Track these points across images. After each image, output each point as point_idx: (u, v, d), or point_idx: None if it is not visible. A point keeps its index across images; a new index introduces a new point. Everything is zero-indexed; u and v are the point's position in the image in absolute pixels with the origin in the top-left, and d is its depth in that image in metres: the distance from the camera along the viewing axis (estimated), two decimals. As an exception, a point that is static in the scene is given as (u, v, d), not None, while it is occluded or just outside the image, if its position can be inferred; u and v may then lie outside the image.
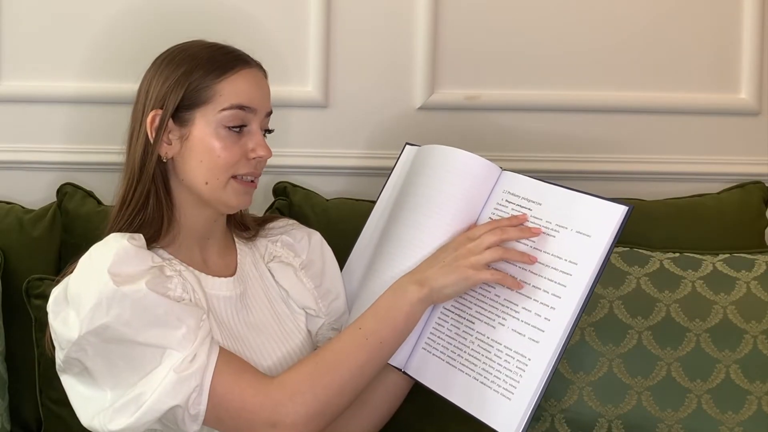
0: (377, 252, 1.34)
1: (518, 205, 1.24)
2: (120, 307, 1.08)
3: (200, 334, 1.12)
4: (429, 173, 1.31)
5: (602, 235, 1.15)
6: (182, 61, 1.21)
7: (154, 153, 1.20)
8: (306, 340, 1.30)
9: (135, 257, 1.13)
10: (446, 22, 1.75)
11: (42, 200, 1.65)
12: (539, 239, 1.19)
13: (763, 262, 1.48)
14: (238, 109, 1.20)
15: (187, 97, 1.20)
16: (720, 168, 1.82)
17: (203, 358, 1.10)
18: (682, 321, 1.42)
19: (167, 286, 1.14)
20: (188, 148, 1.20)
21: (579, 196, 1.19)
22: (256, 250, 1.35)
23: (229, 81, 1.20)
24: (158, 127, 1.20)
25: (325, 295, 1.34)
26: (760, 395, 1.39)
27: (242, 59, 1.24)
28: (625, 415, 1.40)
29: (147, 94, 1.22)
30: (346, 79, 1.75)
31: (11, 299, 1.48)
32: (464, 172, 1.28)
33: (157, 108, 1.20)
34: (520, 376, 1.13)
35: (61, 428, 1.44)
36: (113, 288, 1.08)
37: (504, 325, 1.18)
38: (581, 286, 1.13)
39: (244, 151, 1.22)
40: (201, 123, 1.20)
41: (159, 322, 1.10)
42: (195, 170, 1.21)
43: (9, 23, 1.69)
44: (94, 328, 1.08)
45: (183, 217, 1.24)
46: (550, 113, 1.79)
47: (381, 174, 1.76)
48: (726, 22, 1.80)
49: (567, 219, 1.18)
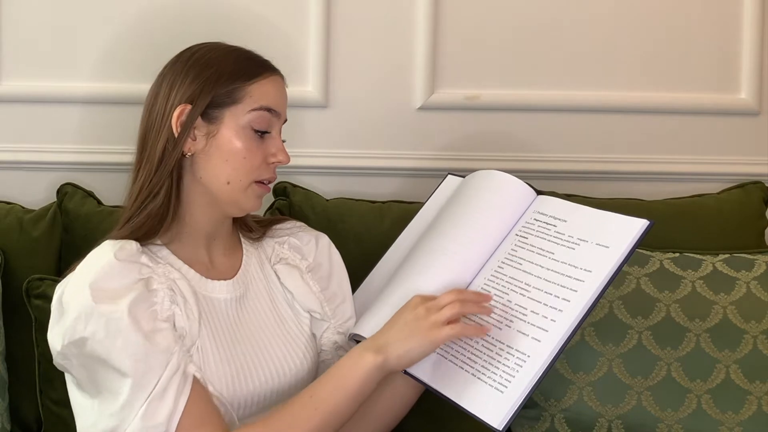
0: (403, 266, 1.35)
1: (545, 222, 1.28)
2: (96, 324, 1.10)
3: (161, 382, 1.10)
4: (471, 195, 1.36)
5: (619, 246, 1.18)
6: (212, 61, 1.23)
7: (177, 147, 1.20)
8: (309, 343, 1.30)
9: (119, 273, 1.13)
10: (446, 22, 1.75)
11: (42, 200, 1.65)
12: (558, 250, 1.23)
13: (763, 262, 1.48)
14: (267, 111, 1.22)
15: (219, 96, 1.21)
16: (720, 168, 1.82)
17: (169, 407, 1.10)
18: (682, 321, 1.42)
19: (153, 300, 1.14)
20: (214, 145, 1.21)
21: (605, 214, 1.24)
22: (263, 251, 1.35)
23: (260, 84, 1.23)
24: (185, 121, 1.20)
25: (331, 299, 1.34)
26: (760, 395, 1.40)
27: (270, 65, 1.27)
28: (625, 415, 1.40)
29: (171, 89, 1.22)
30: (346, 79, 1.75)
31: (11, 299, 1.48)
32: (501, 197, 1.33)
33: (186, 102, 1.21)
34: (516, 371, 1.14)
35: (61, 428, 1.44)
36: (92, 304, 1.10)
37: (510, 327, 1.19)
38: (591, 291, 1.16)
39: (265, 155, 1.23)
40: (230, 122, 1.21)
41: (129, 350, 1.10)
42: (217, 168, 1.21)
43: (9, 23, 1.69)
44: (75, 340, 1.11)
45: (190, 216, 1.24)
46: (550, 113, 1.79)
47: (381, 174, 1.77)
48: (726, 22, 1.80)
49: (589, 234, 1.22)
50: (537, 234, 1.27)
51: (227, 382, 1.18)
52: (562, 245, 1.23)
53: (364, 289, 1.41)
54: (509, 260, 1.27)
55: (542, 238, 1.26)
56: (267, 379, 1.22)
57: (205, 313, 1.20)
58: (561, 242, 1.24)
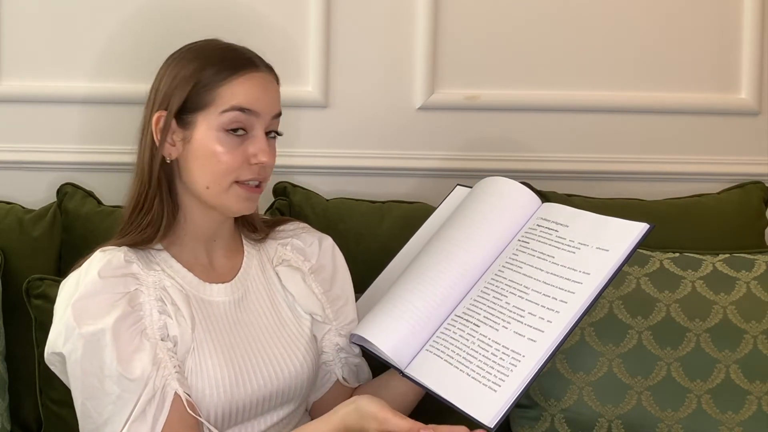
0: (408, 269, 1.35)
1: (546, 228, 1.28)
2: (75, 344, 1.12)
3: (139, 405, 1.11)
4: (478, 202, 1.36)
5: (619, 249, 1.19)
6: (189, 62, 1.21)
7: (158, 154, 1.20)
8: (309, 345, 1.29)
9: (102, 291, 1.14)
10: (446, 22, 1.75)
11: (42, 200, 1.65)
12: (559, 254, 1.23)
13: (763, 262, 1.48)
14: (239, 111, 1.19)
15: (190, 100, 1.19)
16: (720, 168, 1.82)
17: (149, 427, 1.10)
18: (682, 321, 1.42)
19: (139, 314, 1.15)
20: (190, 150, 1.20)
21: (607, 219, 1.24)
22: (265, 252, 1.34)
23: (233, 84, 1.19)
24: (162, 128, 1.20)
25: (333, 301, 1.33)
26: (760, 395, 1.39)
27: (249, 62, 1.22)
28: (625, 415, 1.40)
29: (156, 93, 1.22)
30: (346, 79, 1.75)
31: (11, 299, 1.48)
32: (507, 205, 1.34)
33: (162, 109, 1.20)
34: (510, 371, 1.14)
35: (61, 428, 1.44)
36: (72, 324, 1.12)
37: (507, 328, 1.19)
38: (588, 293, 1.17)
39: (245, 156, 1.20)
40: (203, 126, 1.19)
41: (105, 372, 1.11)
42: (197, 174, 1.20)
43: (9, 23, 1.69)
44: (56, 352, 1.15)
45: (187, 219, 1.24)
46: (550, 113, 1.79)
47: (381, 174, 1.77)
48: (726, 22, 1.80)
49: (590, 238, 1.23)
50: (539, 239, 1.28)
51: (226, 384, 1.17)
52: (563, 249, 1.24)
53: (368, 297, 1.41)
54: (510, 264, 1.27)
55: (543, 243, 1.27)
56: (266, 382, 1.22)
57: (200, 317, 1.20)
58: (562, 246, 1.24)
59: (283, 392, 1.24)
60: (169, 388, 1.12)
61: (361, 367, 1.35)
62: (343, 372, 1.33)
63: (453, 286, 1.28)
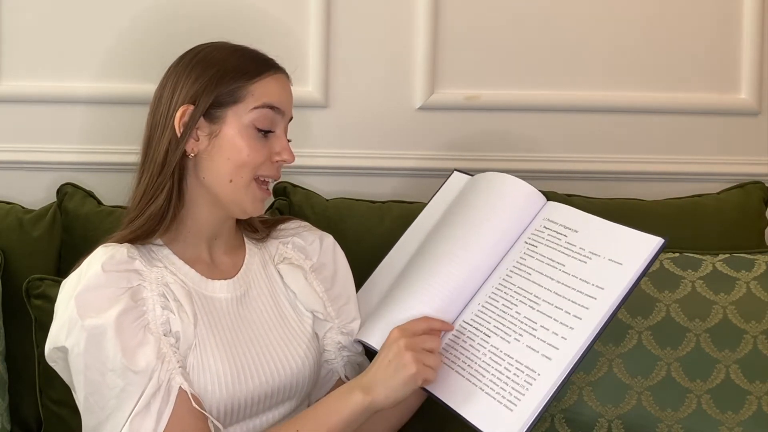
0: (410, 269, 1.34)
1: (555, 231, 1.26)
2: (77, 337, 1.11)
3: (143, 399, 1.10)
4: (479, 198, 1.34)
5: (633, 264, 1.16)
6: (215, 60, 1.23)
7: (179, 148, 1.21)
8: (311, 343, 1.30)
9: (105, 285, 1.14)
10: (446, 22, 1.75)
11: (42, 200, 1.65)
12: (569, 263, 1.21)
13: (763, 262, 1.48)
14: (269, 109, 1.22)
15: (222, 95, 1.21)
16: (720, 168, 1.82)
17: (153, 422, 1.10)
18: (682, 321, 1.42)
19: (142, 309, 1.15)
20: (217, 145, 1.21)
21: (618, 228, 1.22)
22: (266, 251, 1.35)
23: (262, 82, 1.23)
24: (188, 122, 1.20)
25: (335, 299, 1.34)
26: (760, 395, 1.39)
27: (273, 63, 1.26)
28: (625, 415, 1.40)
29: (174, 90, 1.23)
30: (346, 79, 1.75)
31: (11, 299, 1.48)
32: (510, 203, 1.31)
33: (188, 103, 1.21)
34: (526, 389, 1.13)
35: (61, 428, 1.44)
36: (75, 317, 1.11)
37: (519, 341, 1.18)
38: (603, 310, 1.14)
39: (269, 153, 1.23)
40: (233, 121, 1.21)
41: (108, 365, 1.11)
42: (221, 167, 1.21)
43: (10, 23, 1.69)
44: (59, 346, 1.14)
45: (192, 216, 1.24)
46: (550, 113, 1.79)
47: (381, 174, 1.77)
48: (726, 22, 1.80)
49: (602, 247, 1.20)
50: (547, 243, 1.26)
51: (228, 381, 1.17)
52: (573, 257, 1.21)
53: (367, 290, 1.40)
54: (518, 269, 1.26)
55: (552, 248, 1.24)
56: (268, 378, 1.22)
57: (202, 313, 1.20)
58: (572, 254, 1.22)
59: (284, 389, 1.24)
60: (174, 383, 1.12)
61: (363, 365, 1.35)
62: (345, 370, 1.33)
63: (459, 289, 1.26)
